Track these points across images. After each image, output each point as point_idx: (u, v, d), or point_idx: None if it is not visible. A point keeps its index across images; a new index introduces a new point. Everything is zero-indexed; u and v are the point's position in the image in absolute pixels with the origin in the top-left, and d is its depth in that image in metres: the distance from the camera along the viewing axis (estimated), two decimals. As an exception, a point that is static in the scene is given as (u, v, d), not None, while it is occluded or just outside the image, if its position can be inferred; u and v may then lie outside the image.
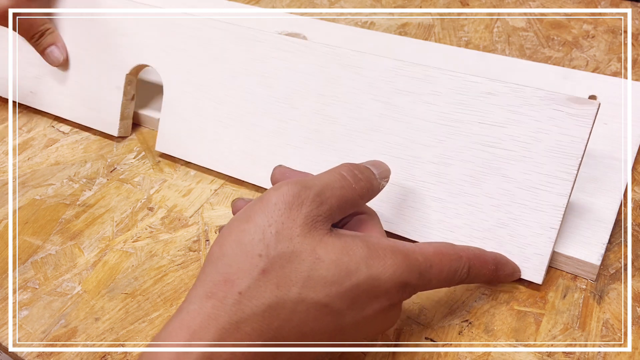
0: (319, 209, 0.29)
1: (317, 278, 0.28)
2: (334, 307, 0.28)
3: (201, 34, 0.46)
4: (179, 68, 0.48)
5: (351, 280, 0.28)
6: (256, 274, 0.27)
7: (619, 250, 0.39)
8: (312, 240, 0.28)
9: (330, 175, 0.31)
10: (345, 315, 0.29)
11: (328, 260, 0.28)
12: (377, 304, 0.29)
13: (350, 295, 0.28)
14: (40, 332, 0.36)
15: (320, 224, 0.29)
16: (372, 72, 0.40)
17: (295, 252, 0.28)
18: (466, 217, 0.38)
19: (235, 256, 0.28)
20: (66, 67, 0.53)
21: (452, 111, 0.38)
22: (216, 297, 0.27)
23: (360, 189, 0.31)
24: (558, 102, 0.35)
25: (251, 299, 0.27)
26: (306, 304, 0.27)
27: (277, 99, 0.44)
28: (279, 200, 0.29)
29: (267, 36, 0.44)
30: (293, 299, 0.27)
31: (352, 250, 0.29)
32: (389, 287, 0.29)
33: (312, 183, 0.30)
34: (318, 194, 0.29)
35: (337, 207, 0.30)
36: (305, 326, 0.28)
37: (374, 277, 0.29)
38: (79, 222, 0.44)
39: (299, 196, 0.29)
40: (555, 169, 0.35)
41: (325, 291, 0.28)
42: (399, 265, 0.29)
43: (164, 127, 0.49)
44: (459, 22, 0.66)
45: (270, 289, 0.27)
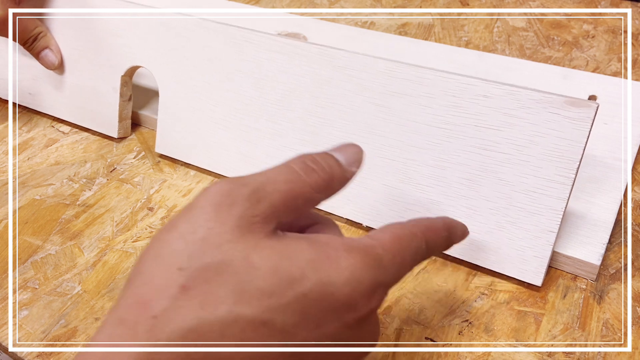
0: (254, 208, 0.24)
1: (252, 290, 0.23)
2: (276, 324, 0.23)
3: (193, 34, 0.46)
4: (173, 69, 0.48)
5: (295, 289, 0.23)
6: (174, 291, 0.22)
7: (619, 250, 0.39)
8: (245, 246, 0.23)
9: (275, 169, 0.26)
10: (296, 334, 0.23)
11: (265, 267, 0.23)
12: (336, 318, 0.24)
13: (296, 308, 0.23)
14: (40, 332, 0.36)
15: (258, 225, 0.24)
16: (365, 73, 0.40)
17: (224, 261, 0.23)
18: (464, 219, 0.37)
19: (152, 272, 0.23)
20: (62, 70, 0.53)
21: (446, 114, 0.38)
22: (126, 323, 0.22)
23: (314, 181, 0.26)
24: (555, 105, 0.34)
25: (168, 323, 0.22)
26: (240, 325, 0.22)
27: (271, 101, 0.44)
28: (206, 202, 0.24)
29: (259, 37, 0.43)
30: (222, 320, 0.22)
31: (295, 253, 0.24)
32: (348, 293, 0.24)
33: (250, 180, 0.25)
34: (255, 191, 0.24)
35: (281, 204, 0.25)
36: (240, 356, 0.22)
37: (326, 283, 0.23)
38: (79, 222, 0.44)
39: (230, 195, 0.24)
40: (553, 172, 0.35)
41: (263, 305, 0.22)
42: (358, 264, 0.24)
43: (162, 129, 0.49)
44: (459, 22, 0.66)
45: (191, 309, 0.22)
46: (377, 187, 0.40)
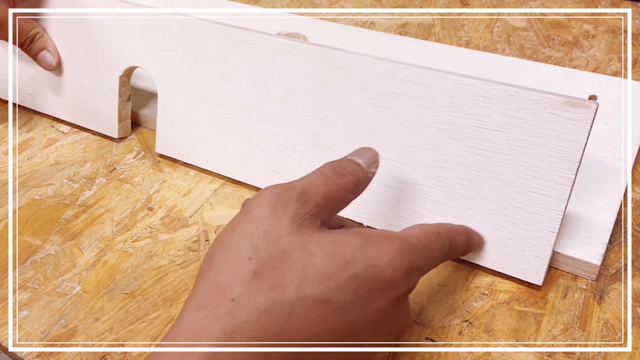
0: (304, 207, 0.28)
1: (313, 274, 0.26)
2: (336, 302, 0.27)
3: (192, 35, 0.46)
4: (171, 70, 0.47)
5: (349, 270, 0.27)
6: (248, 277, 0.26)
7: (619, 250, 0.39)
8: (302, 238, 0.27)
9: (311, 175, 0.31)
10: (350, 311, 0.27)
11: (322, 254, 0.27)
12: (382, 295, 0.28)
13: (351, 287, 0.27)
14: (40, 332, 0.36)
15: (309, 221, 0.28)
16: (365, 74, 0.40)
17: (286, 251, 0.27)
18: (464, 220, 0.38)
19: (225, 263, 0.27)
20: (60, 70, 0.53)
21: (446, 115, 0.37)
22: (208, 307, 0.26)
23: (345, 183, 0.31)
24: (554, 105, 0.34)
25: (245, 304, 0.26)
26: (305, 304, 0.26)
27: (271, 102, 0.44)
28: (262, 204, 0.28)
29: (257, 37, 0.43)
30: (290, 300, 0.26)
31: (345, 241, 0.28)
32: (392, 273, 0.28)
33: (294, 184, 0.29)
34: (302, 193, 0.29)
35: (323, 204, 0.29)
36: (307, 330, 0.26)
37: (374, 265, 0.28)
38: (79, 222, 0.44)
39: (282, 197, 0.28)
40: (553, 173, 0.35)
41: (323, 286, 0.26)
42: (398, 249, 0.29)
43: (161, 129, 0.49)
44: (459, 22, 0.66)
45: (264, 292, 0.26)
46: (377, 188, 0.40)
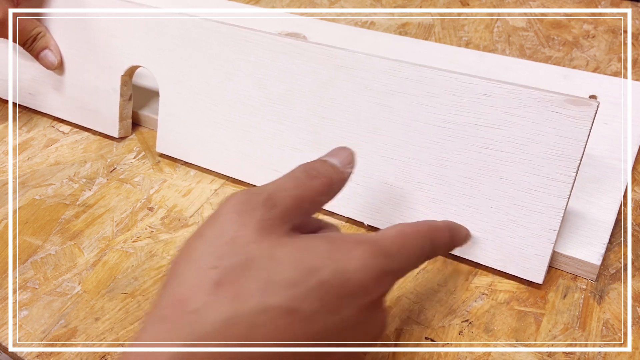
0: (271, 212, 0.27)
1: (278, 282, 0.25)
2: (301, 311, 0.25)
3: (193, 34, 0.46)
4: (173, 69, 0.47)
5: (315, 277, 0.26)
6: (210, 287, 0.25)
7: (619, 250, 0.39)
8: (269, 244, 0.26)
9: (282, 179, 0.30)
10: (317, 320, 0.26)
11: (287, 261, 0.26)
12: (351, 302, 0.27)
13: (317, 295, 0.26)
14: (40, 332, 0.36)
15: (277, 227, 0.27)
16: (366, 72, 0.40)
17: (251, 258, 0.26)
18: (465, 218, 0.38)
19: (187, 273, 0.26)
20: (62, 70, 0.53)
21: (448, 113, 0.38)
22: (169, 320, 0.25)
23: (318, 186, 0.30)
24: (555, 103, 0.35)
25: (207, 316, 0.24)
26: (269, 314, 0.25)
27: (272, 101, 0.44)
28: (228, 210, 0.27)
29: (259, 37, 0.43)
30: (253, 310, 0.25)
31: (313, 247, 0.27)
32: (360, 278, 0.27)
33: (262, 189, 0.29)
34: (269, 197, 0.28)
35: (293, 207, 0.28)
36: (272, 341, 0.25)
37: (341, 271, 0.26)
38: (79, 222, 0.44)
39: (249, 202, 0.27)
40: (554, 171, 0.35)
41: (288, 294, 0.25)
42: (367, 253, 0.27)
43: (162, 129, 0.49)
44: (459, 22, 0.66)
45: (227, 302, 0.25)
46: (378, 186, 0.40)
